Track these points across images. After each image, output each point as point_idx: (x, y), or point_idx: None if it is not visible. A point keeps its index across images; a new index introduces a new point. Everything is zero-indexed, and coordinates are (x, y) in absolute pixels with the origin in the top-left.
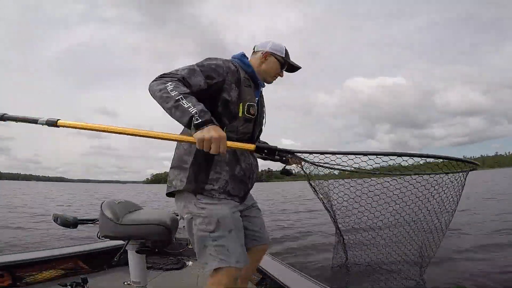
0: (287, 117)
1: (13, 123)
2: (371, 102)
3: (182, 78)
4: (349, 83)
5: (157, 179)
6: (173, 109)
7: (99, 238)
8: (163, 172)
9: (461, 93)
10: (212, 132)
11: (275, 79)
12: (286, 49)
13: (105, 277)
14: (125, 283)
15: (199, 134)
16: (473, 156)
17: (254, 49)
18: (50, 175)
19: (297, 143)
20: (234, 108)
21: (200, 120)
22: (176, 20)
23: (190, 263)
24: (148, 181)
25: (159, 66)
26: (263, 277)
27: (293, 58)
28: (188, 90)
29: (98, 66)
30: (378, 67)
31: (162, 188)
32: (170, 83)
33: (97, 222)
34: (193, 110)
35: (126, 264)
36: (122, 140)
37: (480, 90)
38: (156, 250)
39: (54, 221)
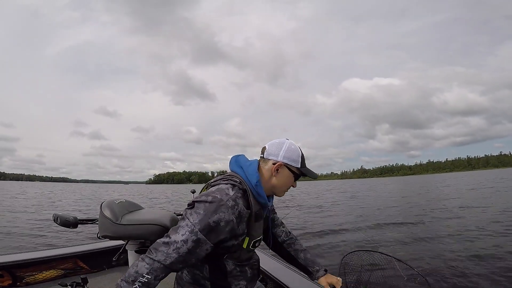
0: (287, 117)
1: (19, 123)
2: (369, 103)
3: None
4: (346, 84)
5: (159, 179)
6: None
7: (99, 238)
8: (165, 172)
9: (459, 93)
10: None
11: (286, 192)
12: (302, 155)
13: (105, 277)
14: None
15: None
16: (477, 156)
17: (263, 153)
18: (53, 176)
19: (298, 143)
20: (239, 241)
21: None
22: (171, 23)
23: None
24: (151, 181)
25: (157, 68)
26: (263, 277)
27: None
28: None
29: (98, 67)
30: (374, 68)
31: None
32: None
33: (97, 222)
34: None
35: (126, 264)
36: (123, 140)
37: (478, 90)
38: None
39: (54, 221)
